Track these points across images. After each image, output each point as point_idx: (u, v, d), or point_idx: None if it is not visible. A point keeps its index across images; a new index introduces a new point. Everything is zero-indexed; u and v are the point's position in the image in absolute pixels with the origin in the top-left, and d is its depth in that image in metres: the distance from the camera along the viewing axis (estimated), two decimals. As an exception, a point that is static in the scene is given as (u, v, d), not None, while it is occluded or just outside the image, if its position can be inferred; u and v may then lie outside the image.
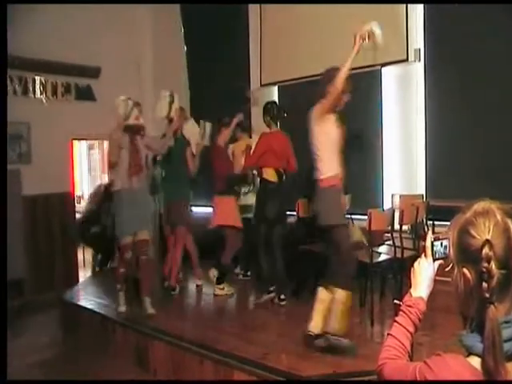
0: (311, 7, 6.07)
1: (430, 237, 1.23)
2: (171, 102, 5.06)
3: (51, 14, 6.24)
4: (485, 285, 1.02)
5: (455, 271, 1.12)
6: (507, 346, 1.01)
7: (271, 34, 6.71)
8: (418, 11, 5.35)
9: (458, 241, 1.11)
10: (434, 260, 1.22)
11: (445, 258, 1.19)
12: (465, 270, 1.08)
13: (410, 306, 1.22)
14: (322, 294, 3.43)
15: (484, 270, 1.03)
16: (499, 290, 1.03)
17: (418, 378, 1.06)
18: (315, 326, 3.41)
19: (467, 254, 1.08)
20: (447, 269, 1.15)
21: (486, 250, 1.03)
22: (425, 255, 1.24)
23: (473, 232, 1.07)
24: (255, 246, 4.91)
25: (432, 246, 1.21)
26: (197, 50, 7.58)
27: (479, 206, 1.11)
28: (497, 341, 1.00)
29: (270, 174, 4.70)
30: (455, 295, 1.13)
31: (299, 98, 5.95)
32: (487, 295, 1.02)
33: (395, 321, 1.24)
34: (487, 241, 1.04)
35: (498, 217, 1.07)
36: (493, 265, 1.02)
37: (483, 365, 1.01)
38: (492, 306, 1.01)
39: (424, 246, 1.23)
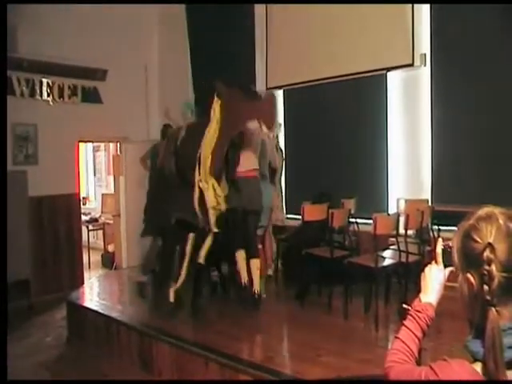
0: (318, 12, 6.09)
1: (440, 243, 1.24)
2: None
3: (58, 17, 6.28)
4: (486, 287, 1.03)
5: (460, 277, 1.13)
6: (510, 352, 1.01)
7: (277, 38, 6.73)
8: (424, 15, 5.35)
9: (461, 246, 1.12)
10: (445, 266, 1.24)
11: None
12: (468, 275, 1.09)
13: (418, 311, 1.23)
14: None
15: (485, 272, 1.03)
16: (502, 294, 1.03)
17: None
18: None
19: (470, 258, 1.09)
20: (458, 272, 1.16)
21: (486, 253, 1.04)
22: (435, 261, 1.25)
23: (475, 237, 1.08)
24: None
25: (442, 252, 1.23)
26: (202, 53, 7.60)
27: (483, 211, 1.12)
28: (497, 343, 1.00)
29: None
30: (460, 300, 1.14)
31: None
32: (488, 298, 1.02)
33: (403, 324, 1.25)
34: (489, 244, 1.05)
35: (501, 221, 1.07)
36: (494, 267, 1.03)
37: (484, 369, 1.01)
38: (493, 309, 1.02)
39: (432, 252, 1.24)
